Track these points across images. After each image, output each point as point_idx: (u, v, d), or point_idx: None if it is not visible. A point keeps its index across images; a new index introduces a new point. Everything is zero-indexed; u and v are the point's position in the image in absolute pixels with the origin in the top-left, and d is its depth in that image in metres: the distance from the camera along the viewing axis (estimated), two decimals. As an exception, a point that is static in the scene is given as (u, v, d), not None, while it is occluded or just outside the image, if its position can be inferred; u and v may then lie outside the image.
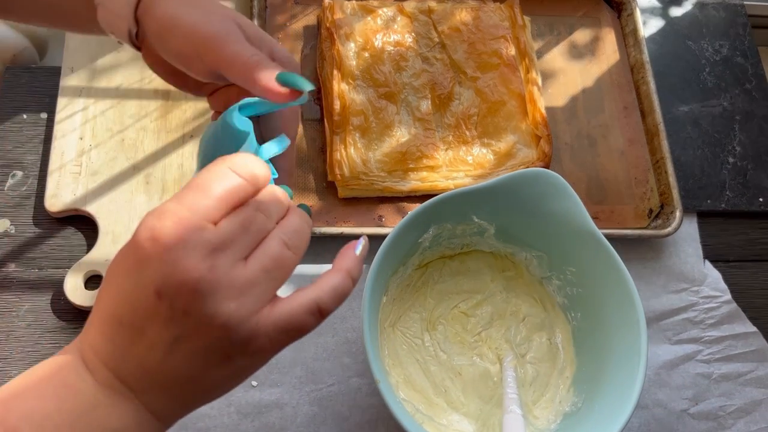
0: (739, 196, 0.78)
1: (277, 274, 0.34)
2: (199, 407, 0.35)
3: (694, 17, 0.89)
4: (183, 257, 0.30)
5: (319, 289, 0.36)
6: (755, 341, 0.72)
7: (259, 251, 0.33)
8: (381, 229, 0.68)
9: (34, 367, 0.33)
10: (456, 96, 0.75)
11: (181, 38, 0.39)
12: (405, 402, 0.59)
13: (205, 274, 0.30)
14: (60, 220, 0.68)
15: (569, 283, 0.64)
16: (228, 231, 0.32)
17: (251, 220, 0.33)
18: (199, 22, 0.38)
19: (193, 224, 0.31)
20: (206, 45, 0.38)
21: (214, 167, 0.33)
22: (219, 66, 0.39)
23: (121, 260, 0.32)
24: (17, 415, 0.30)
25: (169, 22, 0.38)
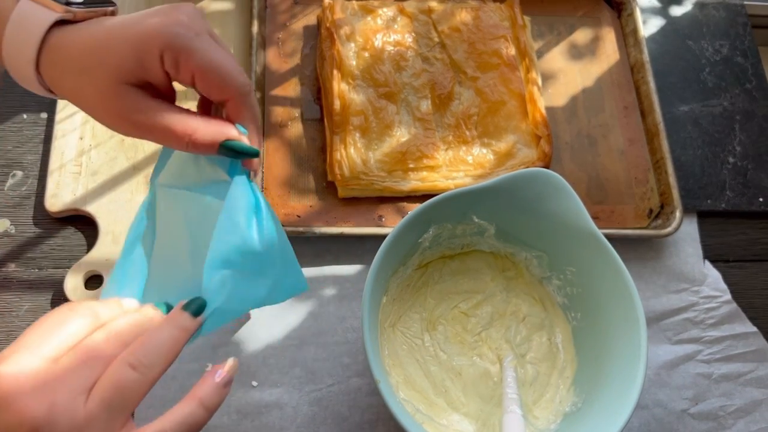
0: (739, 196, 0.78)
1: (119, 402, 0.32)
2: None
3: (694, 17, 0.89)
4: (20, 399, 0.30)
5: (165, 421, 0.34)
6: (755, 341, 0.72)
7: (101, 381, 0.32)
8: (381, 229, 0.68)
9: None
10: (456, 96, 0.75)
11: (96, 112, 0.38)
12: (405, 402, 0.59)
13: (44, 413, 0.30)
14: (60, 220, 0.68)
15: (569, 283, 0.64)
16: (65, 366, 0.32)
17: (93, 351, 0.33)
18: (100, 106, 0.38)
19: (32, 365, 0.31)
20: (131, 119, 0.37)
21: (55, 312, 0.35)
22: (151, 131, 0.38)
23: None
24: None
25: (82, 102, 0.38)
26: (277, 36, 0.78)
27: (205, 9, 0.79)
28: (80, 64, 0.36)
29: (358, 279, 0.69)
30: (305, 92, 0.76)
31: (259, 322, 0.66)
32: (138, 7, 0.78)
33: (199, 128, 0.37)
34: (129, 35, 0.36)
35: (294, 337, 0.66)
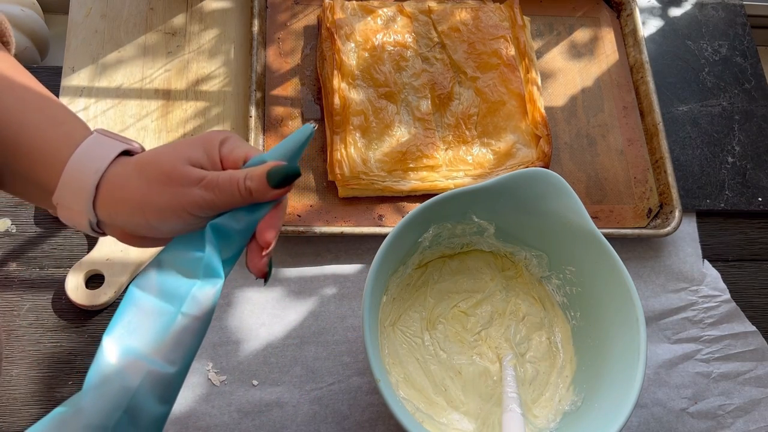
0: (738, 196, 0.78)
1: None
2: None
3: (694, 17, 0.89)
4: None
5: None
6: (754, 340, 0.72)
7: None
8: (381, 229, 0.68)
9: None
10: (456, 96, 0.76)
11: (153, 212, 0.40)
12: (405, 401, 0.59)
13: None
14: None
15: (569, 283, 0.64)
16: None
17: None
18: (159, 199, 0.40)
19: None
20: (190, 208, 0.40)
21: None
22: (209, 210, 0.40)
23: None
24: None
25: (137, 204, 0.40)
26: (278, 36, 0.79)
27: (205, 8, 0.79)
28: (151, 165, 0.40)
29: (358, 278, 0.69)
30: (305, 92, 0.76)
31: (260, 321, 0.66)
32: (139, 8, 0.78)
33: (249, 171, 0.40)
34: (196, 138, 0.42)
35: (294, 336, 0.66)
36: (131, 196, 0.39)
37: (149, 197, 0.39)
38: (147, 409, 0.36)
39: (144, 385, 0.36)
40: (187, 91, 0.75)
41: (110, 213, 0.40)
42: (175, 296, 0.38)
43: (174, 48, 0.77)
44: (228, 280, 0.67)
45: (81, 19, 0.77)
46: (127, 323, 0.37)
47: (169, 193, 0.39)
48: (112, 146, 0.41)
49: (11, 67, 0.44)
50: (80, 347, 0.63)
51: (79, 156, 0.40)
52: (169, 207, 0.39)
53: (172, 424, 0.61)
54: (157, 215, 0.39)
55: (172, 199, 0.39)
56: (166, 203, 0.39)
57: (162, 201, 0.39)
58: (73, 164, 0.40)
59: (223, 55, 0.77)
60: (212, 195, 0.39)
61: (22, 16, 0.80)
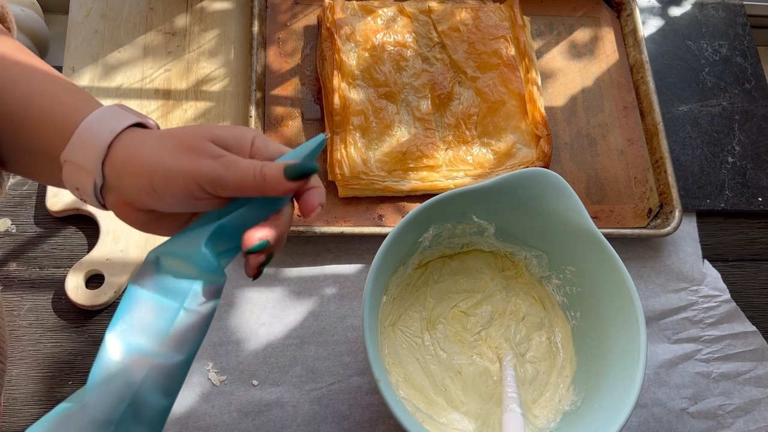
0: (738, 196, 0.78)
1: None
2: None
3: (694, 17, 0.89)
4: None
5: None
6: (754, 340, 0.72)
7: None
8: (381, 229, 0.68)
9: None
10: (456, 96, 0.76)
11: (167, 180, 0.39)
12: (405, 401, 0.59)
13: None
14: (61, 219, 0.69)
15: (569, 283, 0.64)
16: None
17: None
18: (183, 165, 0.39)
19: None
20: (205, 183, 0.39)
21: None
22: (226, 191, 0.39)
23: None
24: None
25: (163, 176, 0.39)
26: (278, 36, 0.79)
27: (205, 8, 0.79)
28: (170, 135, 0.40)
29: (358, 278, 0.69)
30: (305, 92, 0.76)
31: (260, 321, 0.66)
32: (139, 8, 0.78)
33: (267, 162, 0.40)
34: (228, 125, 0.41)
35: (294, 336, 0.66)
36: (143, 155, 0.39)
37: (161, 158, 0.38)
38: (151, 403, 0.36)
39: (147, 380, 0.36)
40: (188, 91, 0.75)
41: (117, 173, 0.39)
42: (177, 292, 0.38)
43: (174, 48, 0.77)
44: (228, 280, 0.67)
45: (81, 19, 0.77)
46: (129, 319, 0.37)
47: (183, 158, 0.38)
48: (127, 116, 0.41)
49: (15, 47, 0.43)
50: (80, 347, 0.63)
51: (95, 117, 0.40)
52: (179, 172, 0.38)
53: (172, 424, 0.61)
54: (164, 179, 0.38)
55: (184, 165, 0.38)
56: (177, 167, 0.38)
57: (173, 164, 0.38)
58: (88, 123, 0.39)
59: (223, 55, 0.77)
60: (226, 171, 0.38)
61: (22, 16, 0.80)
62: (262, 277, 0.68)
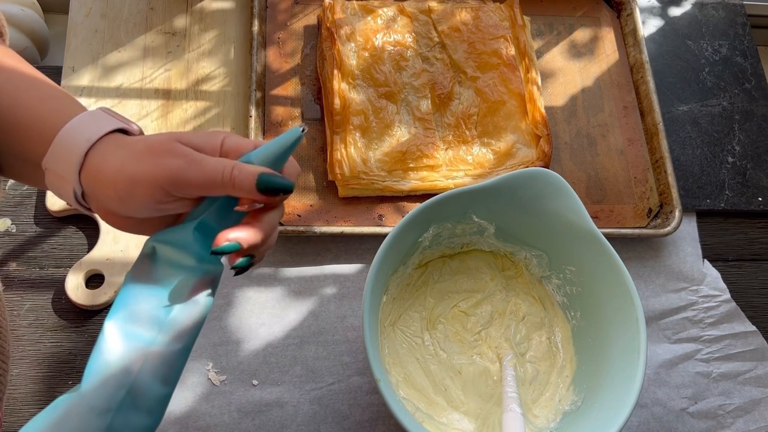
0: (738, 196, 0.78)
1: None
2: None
3: (694, 17, 0.89)
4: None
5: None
6: (754, 340, 0.72)
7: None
8: (381, 229, 0.68)
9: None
10: (456, 96, 0.76)
11: (132, 184, 0.38)
12: (405, 401, 0.59)
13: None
14: (61, 219, 0.69)
15: (569, 282, 0.64)
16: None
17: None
18: (147, 167, 0.38)
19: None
20: (171, 180, 0.37)
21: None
22: (190, 191, 0.38)
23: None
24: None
25: (124, 177, 0.38)
26: (278, 36, 0.79)
27: (205, 8, 0.79)
28: (140, 140, 0.39)
29: (358, 278, 0.69)
30: (305, 92, 0.76)
31: (260, 321, 0.66)
32: (139, 8, 0.78)
33: (241, 164, 0.38)
34: (198, 130, 0.41)
35: (294, 336, 0.66)
36: (109, 163, 0.38)
37: (125, 166, 0.37)
38: (149, 391, 0.37)
39: (146, 367, 0.36)
40: (188, 91, 0.75)
41: (91, 183, 0.39)
42: (174, 281, 0.38)
43: (174, 48, 0.77)
44: (228, 280, 0.67)
45: (81, 19, 0.77)
46: (127, 309, 0.37)
47: (145, 162, 0.37)
48: (109, 121, 0.40)
49: (3, 53, 0.43)
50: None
51: (74, 124, 0.39)
52: (142, 178, 0.37)
53: (172, 424, 0.61)
54: (126, 186, 0.37)
55: (147, 170, 0.37)
56: (138, 172, 0.37)
57: (135, 169, 0.37)
58: (66, 131, 0.39)
59: (223, 55, 0.77)
60: (188, 168, 0.37)
61: (22, 16, 0.80)
62: (262, 277, 0.68)
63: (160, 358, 0.37)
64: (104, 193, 0.38)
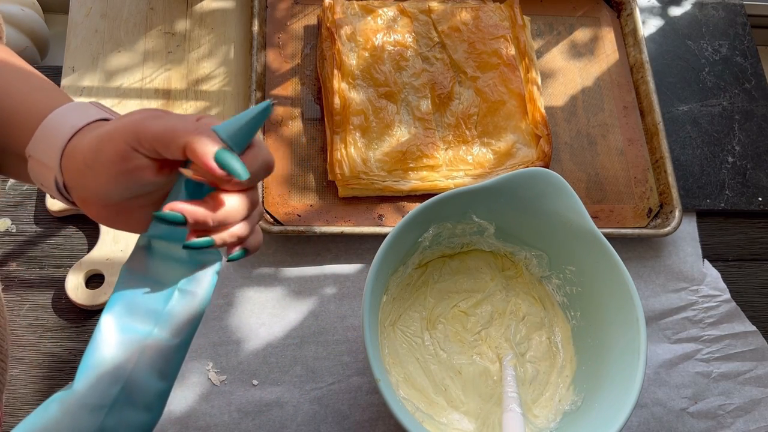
0: (738, 196, 0.78)
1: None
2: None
3: (694, 17, 0.89)
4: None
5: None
6: (754, 340, 0.72)
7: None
8: (381, 229, 0.68)
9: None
10: (456, 95, 0.76)
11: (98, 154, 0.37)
12: (405, 401, 0.59)
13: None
14: (61, 219, 0.69)
15: (569, 282, 0.64)
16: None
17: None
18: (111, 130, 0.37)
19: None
20: (135, 137, 0.36)
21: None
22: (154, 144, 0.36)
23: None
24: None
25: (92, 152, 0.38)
26: (278, 36, 0.78)
27: (205, 8, 0.79)
28: (103, 134, 0.37)
29: (358, 278, 0.69)
30: (305, 92, 0.76)
31: (260, 321, 0.66)
32: (139, 8, 0.78)
33: (200, 127, 0.36)
34: (154, 132, 0.38)
35: (294, 336, 0.66)
36: (82, 141, 0.37)
37: (96, 135, 0.37)
38: (146, 386, 0.36)
39: (142, 361, 0.36)
40: (187, 91, 0.75)
41: (67, 166, 0.38)
42: (170, 274, 0.38)
43: (174, 48, 0.77)
44: (228, 280, 0.67)
45: (81, 19, 0.77)
46: (124, 302, 0.37)
47: (112, 124, 0.37)
48: (96, 112, 0.40)
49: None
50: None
51: (60, 112, 0.39)
52: (106, 135, 0.36)
53: (172, 424, 0.61)
54: (92, 148, 0.37)
55: (112, 126, 0.36)
56: (105, 131, 0.37)
57: (104, 131, 0.37)
58: (51, 119, 0.39)
59: (223, 55, 0.77)
60: (153, 121, 0.36)
61: (22, 16, 0.80)
62: (262, 277, 0.68)
63: (158, 352, 0.36)
64: (76, 168, 0.37)
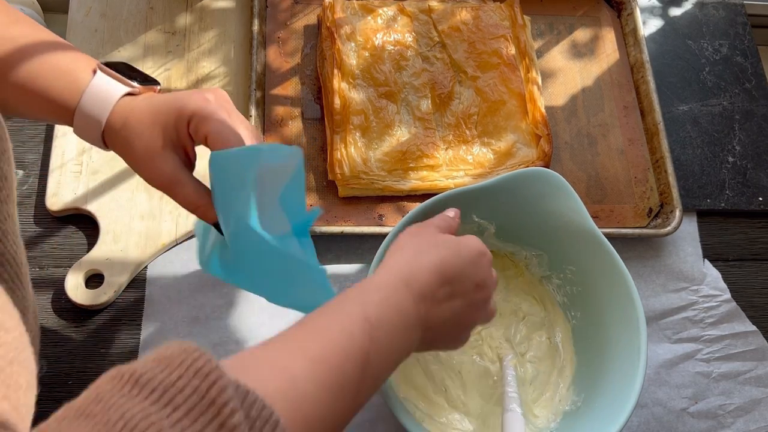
0: (738, 196, 0.78)
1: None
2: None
3: (694, 17, 0.89)
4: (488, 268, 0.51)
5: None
6: (754, 340, 0.72)
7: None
8: (381, 229, 0.68)
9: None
10: (456, 95, 0.75)
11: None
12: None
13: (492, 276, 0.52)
14: (61, 219, 0.69)
15: (569, 282, 0.64)
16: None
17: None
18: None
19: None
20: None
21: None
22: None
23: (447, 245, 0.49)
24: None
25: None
26: (278, 35, 0.78)
27: (205, 7, 0.79)
28: (138, 126, 0.48)
29: (358, 278, 0.69)
30: (305, 91, 0.76)
31: (260, 321, 0.66)
32: (139, 7, 0.78)
33: (208, 203, 0.49)
34: (172, 105, 0.47)
35: (294, 336, 0.66)
36: (124, 146, 0.48)
37: (140, 157, 0.48)
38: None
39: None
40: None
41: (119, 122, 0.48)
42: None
43: (174, 47, 0.77)
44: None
45: (81, 19, 0.77)
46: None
47: (148, 170, 0.49)
48: (116, 90, 0.49)
49: (12, 18, 0.49)
50: (80, 347, 0.63)
51: (87, 101, 0.48)
52: (148, 176, 0.49)
53: (172, 423, 0.61)
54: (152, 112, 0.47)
55: (151, 175, 0.48)
56: (145, 172, 0.48)
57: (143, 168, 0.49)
58: (86, 102, 0.48)
59: (223, 55, 0.77)
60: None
61: (21, 16, 0.79)
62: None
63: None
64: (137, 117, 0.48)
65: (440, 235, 0.51)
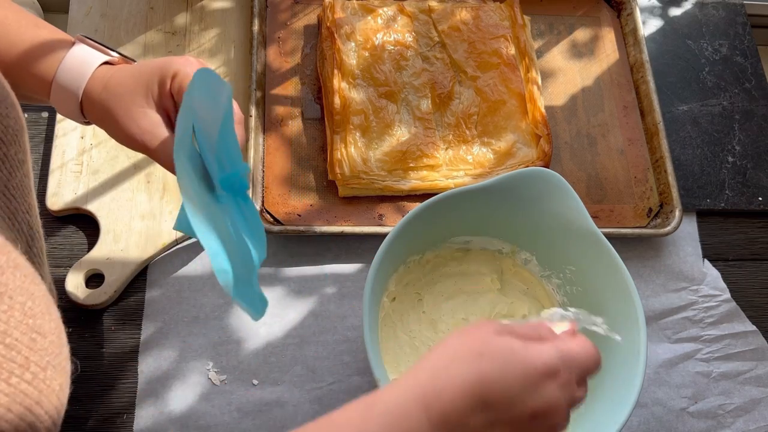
0: (738, 195, 0.78)
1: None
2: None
3: (694, 17, 0.89)
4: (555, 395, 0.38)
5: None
6: (754, 340, 0.72)
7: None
8: (381, 228, 0.68)
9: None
10: (456, 95, 0.75)
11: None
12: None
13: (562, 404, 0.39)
14: (61, 218, 0.69)
15: (569, 282, 0.64)
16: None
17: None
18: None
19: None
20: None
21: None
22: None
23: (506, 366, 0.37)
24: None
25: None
26: (278, 35, 0.78)
27: (205, 8, 0.79)
28: (119, 88, 0.48)
29: (358, 278, 0.69)
30: (306, 91, 0.76)
31: (260, 321, 0.66)
32: (139, 7, 0.78)
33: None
34: (155, 65, 0.48)
35: (295, 336, 0.66)
36: (103, 111, 0.48)
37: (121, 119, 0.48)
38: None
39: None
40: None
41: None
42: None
43: (174, 47, 0.77)
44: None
45: (81, 18, 0.77)
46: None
47: (128, 127, 0.48)
48: (95, 58, 0.49)
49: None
50: (80, 347, 0.63)
51: (64, 70, 0.48)
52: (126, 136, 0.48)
53: (172, 423, 0.61)
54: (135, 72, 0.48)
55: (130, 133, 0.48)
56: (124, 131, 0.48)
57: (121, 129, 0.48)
58: (64, 70, 0.48)
59: (223, 55, 0.77)
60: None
61: (22, 16, 0.79)
62: (262, 277, 0.68)
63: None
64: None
65: (496, 339, 0.38)
